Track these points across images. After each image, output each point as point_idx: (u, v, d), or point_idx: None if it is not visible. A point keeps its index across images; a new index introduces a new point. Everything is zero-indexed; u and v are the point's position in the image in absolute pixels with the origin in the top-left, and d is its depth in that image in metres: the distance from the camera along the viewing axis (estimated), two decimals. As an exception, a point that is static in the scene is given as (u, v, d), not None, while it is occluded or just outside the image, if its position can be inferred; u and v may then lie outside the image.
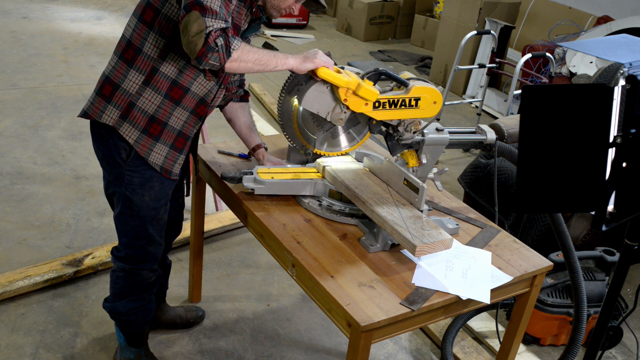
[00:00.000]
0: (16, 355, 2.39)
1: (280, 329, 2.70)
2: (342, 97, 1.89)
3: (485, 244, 1.98)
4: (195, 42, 1.70)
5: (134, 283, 2.16)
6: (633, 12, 5.23)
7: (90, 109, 1.93)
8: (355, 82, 1.87)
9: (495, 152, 2.12)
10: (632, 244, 1.51)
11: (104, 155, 1.97)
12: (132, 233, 2.06)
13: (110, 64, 1.93)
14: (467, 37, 4.93)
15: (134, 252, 2.09)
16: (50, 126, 4.31)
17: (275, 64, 1.86)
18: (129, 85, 1.88)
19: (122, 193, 1.99)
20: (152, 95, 1.89)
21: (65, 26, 6.57)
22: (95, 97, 1.93)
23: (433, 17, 7.40)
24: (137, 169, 1.95)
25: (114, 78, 1.89)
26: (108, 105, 1.90)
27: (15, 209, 3.32)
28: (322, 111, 1.97)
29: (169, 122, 1.93)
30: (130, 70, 1.87)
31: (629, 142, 1.34)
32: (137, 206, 2.00)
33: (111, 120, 1.90)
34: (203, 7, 1.69)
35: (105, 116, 1.90)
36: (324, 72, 1.87)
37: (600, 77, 3.37)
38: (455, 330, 2.64)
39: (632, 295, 3.13)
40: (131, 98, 1.88)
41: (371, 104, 1.89)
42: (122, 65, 1.88)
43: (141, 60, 1.86)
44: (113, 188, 2.02)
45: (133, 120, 1.90)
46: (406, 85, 1.90)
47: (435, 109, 1.92)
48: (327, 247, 1.85)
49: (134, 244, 2.08)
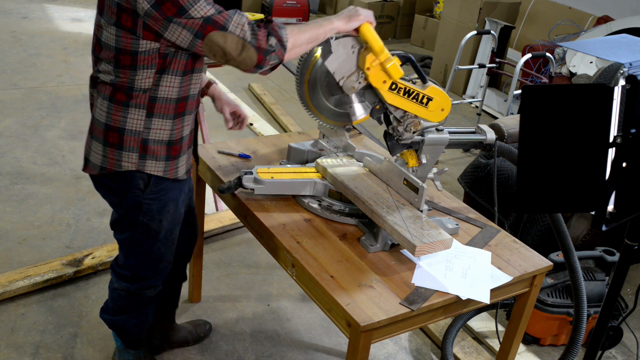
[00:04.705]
0: (16, 355, 2.39)
1: (280, 329, 2.70)
2: (367, 65, 1.79)
3: (485, 244, 1.98)
4: (247, 58, 1.62)
5: (137, 302, 2.11)
6: (633, 12, 5.23)
7: (106, 162, 1.81)
8: (387, 54, 1.80)
9: (495, 152, 2.12)
10: (632, 244, 1.51)
11: (120, 198, 1.88)
12: (144, 256, 2.00)
13: (100, 108, 1.79)
14: (467, 37, 4.93)
15: (143, 272, 2.04)
16: (50, 126, 4.31)
17: (325, 34, 1.74)
18: (133, 125, 1.77)
19: (139, 221, 1.90)
20: (161, 122, 1.79)
21: (65, 26, 6.57)
22: (103, 149, 1.81)
23: (433, 17, 7.40)
24: (156, 196, 1.88)
25: (115, 123, 1.77)
26: (122, 152, 1.79)
27: (15, 209, 3.32)
28: (339, 73, 1.86)
29: (184, 134, 1.86)
30: (128, 110, 1.76)
31: (629, 142, 1.34)
32: (155, 231, 1.94)
33: (132, 165, 1.80)
34: (215, 22, 1.60)
35: (124, 164, 1.80)
36: (367, 29, 1.76)
37: (600, 77, 3.37)
38: (455, 330, 2.64)
39: (632, 295, 3.13)
40: (142, 136, 1.78)
41: (389, 83, 1.82)
42: (117, 108, 1.76)
43: (135, 97, 1.74)
44: (126, 218, 1.92)
45: (153, 154, 1.81)
46: (425, 82, 1.89)
47: (441, 115, 1.91)
48: (327, 247, 1.85)
49: (144, 266, 2.02)
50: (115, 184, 1.87)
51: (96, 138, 1.82)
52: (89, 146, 1.87)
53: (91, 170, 1.88)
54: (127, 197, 1.87)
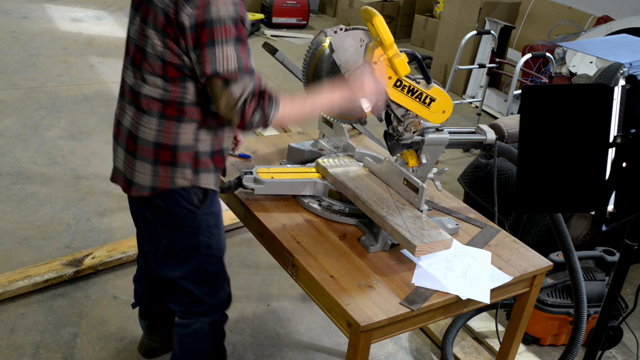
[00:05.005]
0: (16, 355, 2.39)
1: (280, 329, 2.70)
2: (374, 59, 1.79)
3: (485, 244, 1.98)
4: (229, 116, 1.63)
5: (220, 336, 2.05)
6: (633, 12, 5.23)
7: (157, 182, 1.74)
8: (396, 49, 1.79)
9: (495, 152, 2.12)
10: (632, 244, 1.51)
11: (173, 218, 1.80)
12: (213, 278, 1.94)
13: (147, 127, 1.70)
14: (467, 37, 4.93)
15: (219, 297, 1.98)
16: (50, 126, 4.31)
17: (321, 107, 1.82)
18: (186, 140, 1.71)
19: (201, 242, 1.84)
20: (207, 133, 1.74)
21: (65, 26, 6.57)
22: (153, 168, 1.73)
23: (433, 17, 7.40)
24: (210, 209, 1.84)
25: (167, 141, 1.71)
26: (176, 169, 1.73)
27: (15, 209, 3.32)
28: (345, 65, 1.86)
29: (224, 145, 1.83)
30: (180, 126, 1.70)
31: (629, 142, 1.34)
32: (216, 248, 1.90)
33: (186, 181, 1.75)
34: (225, 78, 1.60)
35: (178, 181, 1.74)
36: (381, 22, 1.75)
37: (600, 77, 3.37)
38: (455, 330, 2.64)
39: (632, 295, 3.13)
40: (194, 149, 1.73)
41: (394, 79, 1.82)
42: (169, 124, 1.69)
43: (188, 111, 1.69)
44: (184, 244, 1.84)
45: (205, 167, 1.77)
46: (429, 82, 1.89)
47: (442, 117, 1.90)
48: (327, 247, 1.85)
49: (216, 289, 1.97)
50: (167, 203, 1.78)
51: (143, 158, 1.73)
52: (131, 167, 1.77)
53: (139, 192, 1.77)
54: (182, 217, 1.79)
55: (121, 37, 6.40)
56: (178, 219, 1.80)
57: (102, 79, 5.26)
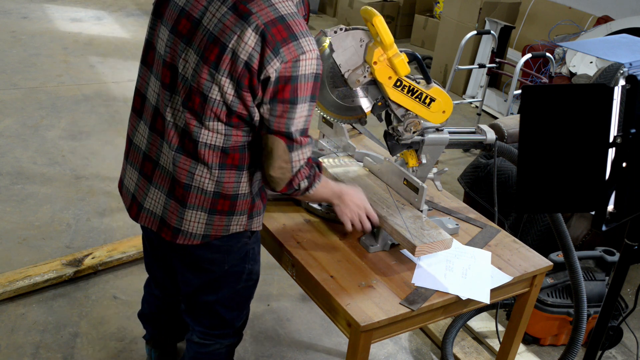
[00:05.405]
0: (16, 355, 2.39)
1: (280, 329, 2.70)
2: (374, 59, 1.78)
3: (485, 244, 1.98)
4: (275, 181, 1.60)
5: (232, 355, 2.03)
6: (633, 12, 5.23)
7: (210, 230, 1.65)
8: (396, 49, 1.78)
9: (495, 152, 2.12)
10: (632, 244, 1.51)
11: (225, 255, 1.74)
12: (244, 303, 1.93)
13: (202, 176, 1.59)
14: (467, 37, 4.93)
15: (243, 321, 1.98)
16: (50, 126, 4.31)
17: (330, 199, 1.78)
18: (246, 187, 1.65)
19: (244, 270, 1.81)
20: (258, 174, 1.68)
21: (65, 26, 6.57)
22: (209, 217, 1.64)
23: (433, 17, 7.40)
24: (258, 237, 1.83)
25: (227, 191, 1.62)
26: (232, 217, 1.66)
27: (15, 209, 3.32)
28: (345, 65, 1.85)
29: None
30: (242, 174, 1.62)
31: (629, 142, 1.34)
32: (256, 273, 1.88)
33: (240, 227, 1.69)
34: (291, 139, 1.54)
35: (233, 227, 1.68)
36: (381, 22, 1.74)
37: (600, 77, 3.37)
38: (455, 330, 2.64)
39: (632, 295, 3.13)
40: (252, 195, 1.68)
41: (395, 79, 1.81)
42: (230, 174, 1.61)
43: (248, 156, 1.62)
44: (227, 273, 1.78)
45: (257, 210, 1.72)
46: (429, 82, 1.89)
47: (442, 117, 1.90)
48: (327, 247, 1.85)
49: (244, 314, 1.96)
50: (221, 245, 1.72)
51: (195, 207, 1.63)
52: (176, 214, 1.65)
53: (188, 241, 1.67)
54: (233, 253, 1.75)
55: (121, 37, 6.40)
56: (229, 255, 1.76)
57: (102, 79, 5.26)
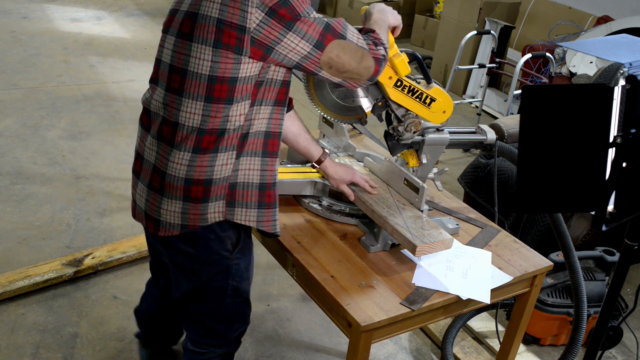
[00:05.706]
0: (16, 355, 2.39)
1: (280, 329, 2.70)
2: None
3: (485, 244, 1.98)
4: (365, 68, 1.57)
5: None
6: (633, 12, 5.23)
7: (187, 219, 1.59)
8: (397, 49, 1.78)
9: (495, 152, 2.12)
10: (632, 244, 1.51)
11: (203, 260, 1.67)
12: (236, 316, 1.87)
13: (176, 162, 1.55)
14: (467, 37, 4.93)
15: (238, 332, 1.93)
16: (50, 126, 4.31)
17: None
18: (222, 172, 1.56)
19: (228, 286, 1.74)
20: (250, 161, 1.60)
21: (65, 26, 6.57)
22: (183, 205, 1.58)
23: (433, 17, 7.40)
24: (244, 253, 1.74)
25: (200, 176, 1.55)
26: (207, 204, 1.58)
27: (15, 209, 3.32)
28: None
29: (276, 179, 1.67)
30: (216, 157, 1.55)
31: (629, 142, 1.34)
32: (244, 290, 1.82)
33: (219, 215, 1.60)
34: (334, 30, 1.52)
35: (210, 216, 1.59)
36: None
37: (600, 77, 3.37)
38: (455, 330, 2.64)
39: (632, 295, 3.13)
40: (229, 180, 1.58)
41: (395, 79, 1.81)
42: (203, 158, 1.54)
43: (227, 139, 1.54)
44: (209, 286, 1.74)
45: (243, 200, 1.61)
46: (429, 82, 1.89)
47: (442, 117, 1.90)
48: (327, 247, 1.85)
49: (238, 327, 1.92)
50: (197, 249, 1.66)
51: (170, 195, 1.59)
52: (155, 204, 1.63)
53: (168, 232, 1.64)
54: (212, 264, 1.69)
55: (121, 37, 6.40)
56: (207, 265, 1.71)
57: (102, 79, 5.26)
